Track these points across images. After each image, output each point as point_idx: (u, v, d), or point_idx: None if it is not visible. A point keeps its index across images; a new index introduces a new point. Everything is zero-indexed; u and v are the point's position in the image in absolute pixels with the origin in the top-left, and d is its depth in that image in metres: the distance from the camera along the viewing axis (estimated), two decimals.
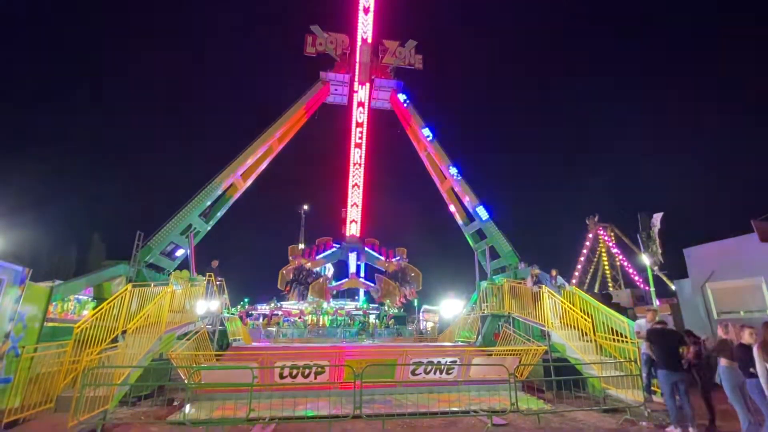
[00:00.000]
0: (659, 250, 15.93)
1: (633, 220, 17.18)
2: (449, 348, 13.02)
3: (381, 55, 23.18)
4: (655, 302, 17.37)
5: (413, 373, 10.05)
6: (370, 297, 22.16)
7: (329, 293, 21.20)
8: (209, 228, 17.48)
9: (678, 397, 7.09)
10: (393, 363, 10.10)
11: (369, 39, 23.42)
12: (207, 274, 13.41)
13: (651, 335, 7.72)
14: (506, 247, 17.46)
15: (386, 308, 22.37)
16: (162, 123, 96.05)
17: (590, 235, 48.14)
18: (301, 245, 22.96)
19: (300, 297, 19.99)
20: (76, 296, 16.23)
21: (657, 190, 76.70)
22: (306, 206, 50.86)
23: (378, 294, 20.37)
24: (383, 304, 21.95)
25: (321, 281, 20.22)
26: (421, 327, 22.93)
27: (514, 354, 10.70)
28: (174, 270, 15.57)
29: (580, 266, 48.37)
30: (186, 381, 8.54)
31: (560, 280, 13.48)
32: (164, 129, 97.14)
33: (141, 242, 13.85)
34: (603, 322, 10.25)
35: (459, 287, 22.15)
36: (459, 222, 20.64)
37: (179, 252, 16.12)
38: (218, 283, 13.51)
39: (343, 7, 24.96)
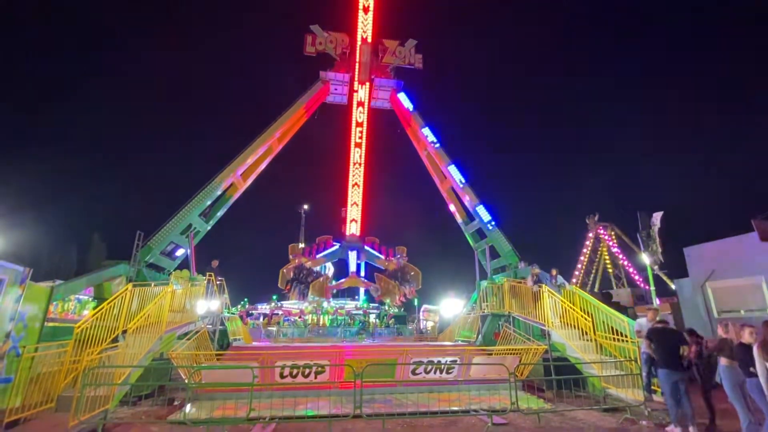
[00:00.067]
0: (659, 250, 15.94)
1: (633, 220, 17.17)
2: (449, 347, 13.02)
3: (381, 55, 23.14)
4: (656, 301, 17.39)
5: (413, 373, 10.06)
6: (371, 296, 22.16)
7: (329, 292, 21.19)
8: (209, 228, 17.49)
9: (678, 396, 7.10)
10: (393, 362, 10.11)
11: (369, 38, 23.38)
12: (207, 274, 13.43)
13: (652, 334, 7.72)
14: (506, 247, 17.46)
15: (386, 308, 22.36)
16: (162, 123, 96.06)
17: (590, 235, 48.15)
18: (302, 245, 22.94)
19: (300, 296, 20.00)
20: (77, 296, 16.26)
21: (657, 190, 76.76)
22: (306, 206, 50.91)
23: (378, 293, 20.38)
24: (384, 304, 21.95)
25: (321, 280, 20.22)
26: (422, 326, 22.96)
27: (515, 353, 10.72)
28: (174, 270, 15.59)
29: (580, 265, 48.39)
30: (186, 381, 8.56)
31: (560, 280, 13.50)
32: (164, 129, 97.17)
33: (141, 242, 13.87)
34: (603, 322, 10.26)
35: (459, 287, 22.17)
36: (459, 221, 20.64)
37: (179, 252, 16.14)
38: (218, 283, 13.52)
39: (343, 7, 24.95)
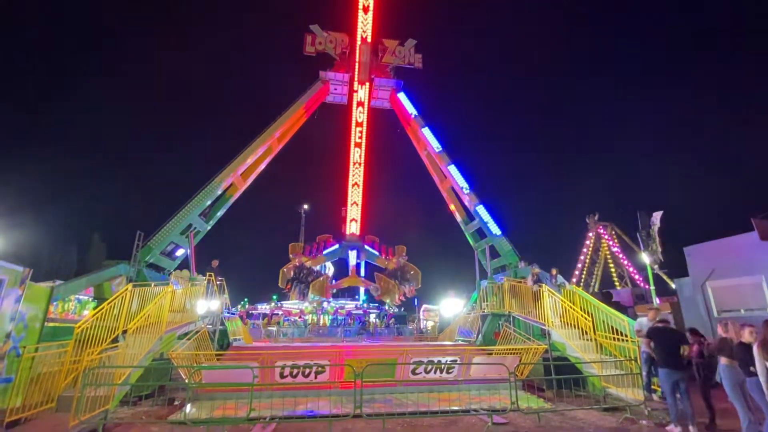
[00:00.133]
0: (659, 249, 15.91)
1: (632, 219, 17.14)
2: (449, 347, 13.02)
3: (380, 55, 23.11)
4: (656, 301, 17.37)
5: (413, 373, 10.05)
6: (371, 296, 22.16)
7: (330, 291, 21.18)
8: (209, 228, 17.48)
9: (679, 396, 7.11)
10: (393, 362, 10.11)
11: (368, 38, 23.34)
12: (207, 274, 13.43)
13: (652, 334, 7.72)
14: (506, 246, 17.46)
15: (387, 307, 22.36)
16: (162, 123, 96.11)
17: (590, 234, 48.19)
18: (302, 244, 22.94)
19: (301, 295, 20.00)
20: (77, 296, 16.28)
21: (657, 189, 76.77)
22: (306, 206, 50.96)
23: (378, 292, 20.38)
24: (384, 303, 21.95)
25: (322, 279, 20.23)
26: (422, 326, 22.98)
27: (515, 353, 10.72)
28: (174, 270, 15.60)
29: (581, 265, 48.44)
30: (187, 381, 8.57)
31: (560, 279, 13.51)
32: (164, 129, 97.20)
33: (141, 242, 13.87)
34: (603, 321, 10.26)
35: (459, 286, 22.18)
36: (458, 220, 20.64)
37: (179, 252, 16.13)
38: (218, 283, 13.52)
39: (343, 7, 24.91)
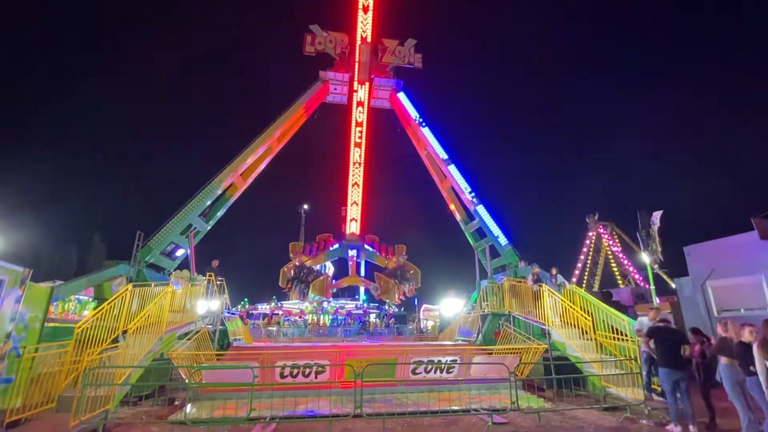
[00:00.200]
0: (659, 248, 15.88)
1: (632, 219, 17.13)
2: (449, 347, 13.02)
3: (380, 54, 23.09)
4: (656, 300, 17.36)
5: (414, 372, 10.06)
6: (371, 295, 22.17)
7: (330, 291, 21.17)
8: (209, 228, 17.48)
9: (679, 395, 7.11)
10: (393, 362, 10.11)
11: (368, 38, 23.33)
12: (207, 274, 13.42)
13: (653, 333, 7.73)
14: (502, 240, 17.48)
15: (387, 307, 22.36)
16: (162, 123, 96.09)
17: (590, 234, 48.18)
18: (302, 244, 22.94)
19: (301, 295, 20.00)
20: (77, 296, 16.27)
21: (656, 189, 76.74)
22: (306, 206, 50.99)
23: (377, 292, 20.39)
24: (384, 303, 21.94)
25: (322, 279, 20.23)
26: (422, 326, 22.99)
27: (515, 352, 10.72)
28: (174, 270, 15.60)
29: (581, 264, 48.44)
30: (187, 381, 8.57)
31: (560, 279, 13.51)
32: (164, 129, 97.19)
33: (141, 242, 13.87)
34: (603, 321, 10.26)
35: (459, 286, 22.16)
36: (458, 220, 20.63)
37: (179, 252, 16.13)
38: (218, 283, 13.52)
39: (343, 6, 24.90)
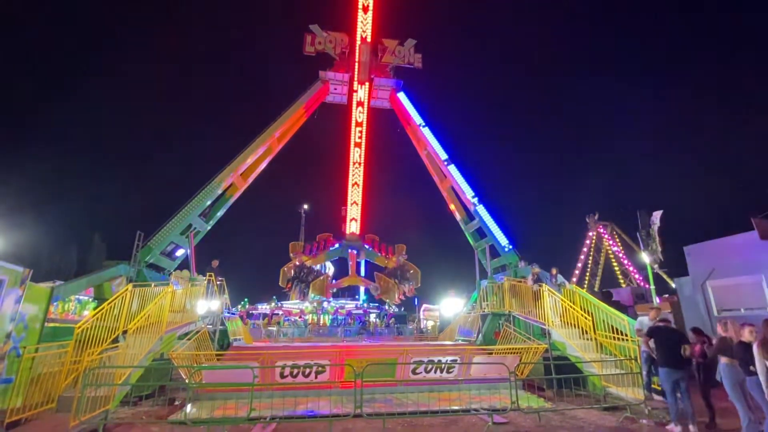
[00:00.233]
0: (659, 248, 15.88)
1: (632, 219, 17.13)
2: (450, 347, 13.02)
3: (380, 54, 23.08)
4: (656, 300, 17.36)
5: (414, 372, 10.06)
6: (371, 295, 22.16)
7: (330, 291, 21.16)
8: (209, 228, 17.47)
9: (679, 395, 7.11)
10: (393, 362, 10.11)
11: (368, 38, 23.32)
12: (207, 274, 13.42)
13: (653, 333, 7.73)
14: (504, 242, 17.47)
15: (387, 307, 22.35)
16: (162, 123, 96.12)
17: (590, 234, 48.17)
18: (302, 243, 22.94)
19: (301, 295, 20.00)
20: (77, 296, 16.28)
21: (657, 189, 76.76)
22: (306, 206, 51.03)
23: (377, 291, 20.39)
24: (384, 303, 21.94)
25: (322, 279, 20.23)
26: (422, 326, 22.99)
27: (515, 352, 10.72)
28: (174, 270, 15.59)
29: (581, 264, 48.43)
30: (187, 381, 8.57)
31: (560, 279, 13.50)
32: (164, 129, 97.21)
33: (141, 242, 13.87)
34: (603, 321, 10.26)
35: (459, 286, 22.16)
36: (458, 220, 20.63)
37: (179, 252, 16.13)
38: (218, 283, 13.52)
39: (342, 6, 24.89)
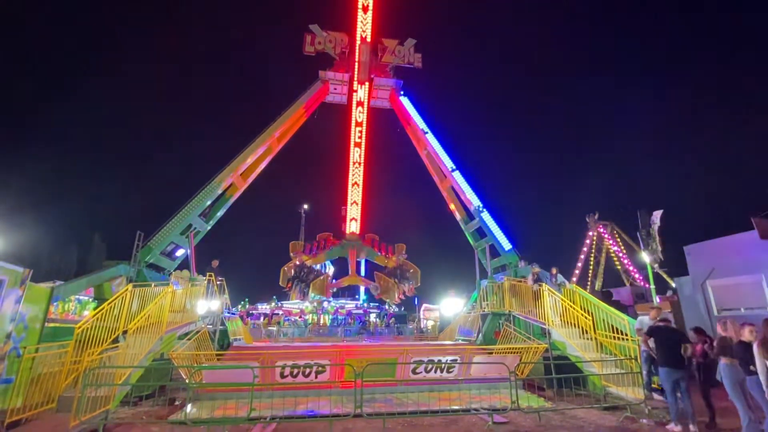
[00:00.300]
0: (659, 248, 15.92)
1: (633, 218, 17.16)
2: (450, 346, 13.02)
3: (380, 54, 23.08)
4: (656, 299, 17.37)
5: (414, 372, 10.06)
6: (371, 295, 22.16)
7: (330, 290, 21.16)
8: (209, 228, 17.48)
9: (679, 395, 7.11)
10: (394, 362, 10.10)
11: (368, 38, 23.31)
12: (207, 274, 13.42)
13: (653, 332, 7.73)
14: (506, 245, 17.46)
15: (387, 307, 22.34)
16: (162, 123, 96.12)
17: (591, 233, 48.13)
18: (302, 243, 22.94)
19: (301, 294, 20.00)
20: (77, 297, 16.29)
21: (656, 189, 76.73)
22: (306, 206, 51.05)
23: (377, 291, 20.39)
24: (384, 303, 21.93)
25: (322, 278, 20.23)
26: (422, 325, 23.00)
27: (515, 352, 10.72)
28: (174, 270, 15.59)
29: (581, 264, 48.39)
30: (187, 381, 8.57)
31: (560, 278, 13.50)
32: (164, 129, 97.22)
33: (141, 242, 13.87)
34: (603, 320, 10.26)
35: (459, 285, 22.16)
36: (458, 219, 20.63)
37: (179, 252, 16.13)
38: (218, 283, 13.52)
39: (342, 6, 24.89)
